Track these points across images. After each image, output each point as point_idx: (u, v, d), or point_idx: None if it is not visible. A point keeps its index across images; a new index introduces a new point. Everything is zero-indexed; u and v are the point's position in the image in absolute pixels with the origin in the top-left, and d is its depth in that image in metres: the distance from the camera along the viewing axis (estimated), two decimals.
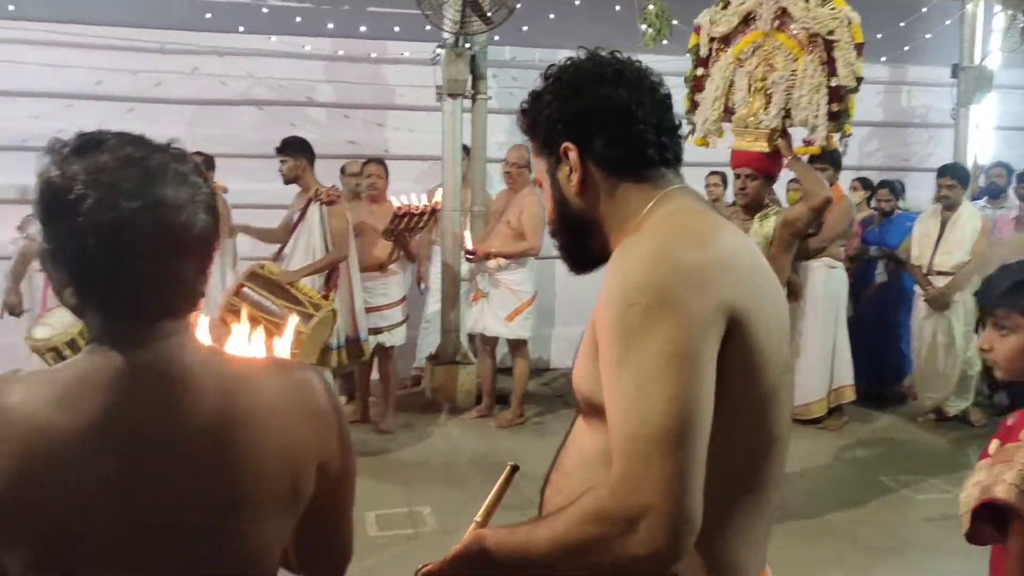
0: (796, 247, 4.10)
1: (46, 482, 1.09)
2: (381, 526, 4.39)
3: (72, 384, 1.13)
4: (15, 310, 5.55)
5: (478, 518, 1.50)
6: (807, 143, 4.04)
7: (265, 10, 6.74)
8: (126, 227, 1.10)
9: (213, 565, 1.17)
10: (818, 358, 5.98)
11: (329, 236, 5.30)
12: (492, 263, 5.96)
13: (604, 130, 1.42)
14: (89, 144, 1.14)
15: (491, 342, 6.16)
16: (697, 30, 4.22)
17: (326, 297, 5.24)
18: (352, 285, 5.51)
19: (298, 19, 6.83)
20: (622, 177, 1.44)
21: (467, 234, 6.17)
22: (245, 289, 4.98)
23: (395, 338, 5.99)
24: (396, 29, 7.02)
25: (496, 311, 6.01)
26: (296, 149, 5.38)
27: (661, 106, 1.45)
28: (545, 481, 1.51)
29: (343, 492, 1.32)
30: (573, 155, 1.43)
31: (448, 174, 6.37)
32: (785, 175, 4.76)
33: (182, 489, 1.14)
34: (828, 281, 6.07)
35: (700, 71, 4.18)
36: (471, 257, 6.00)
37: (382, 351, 5.94)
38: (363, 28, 6.98)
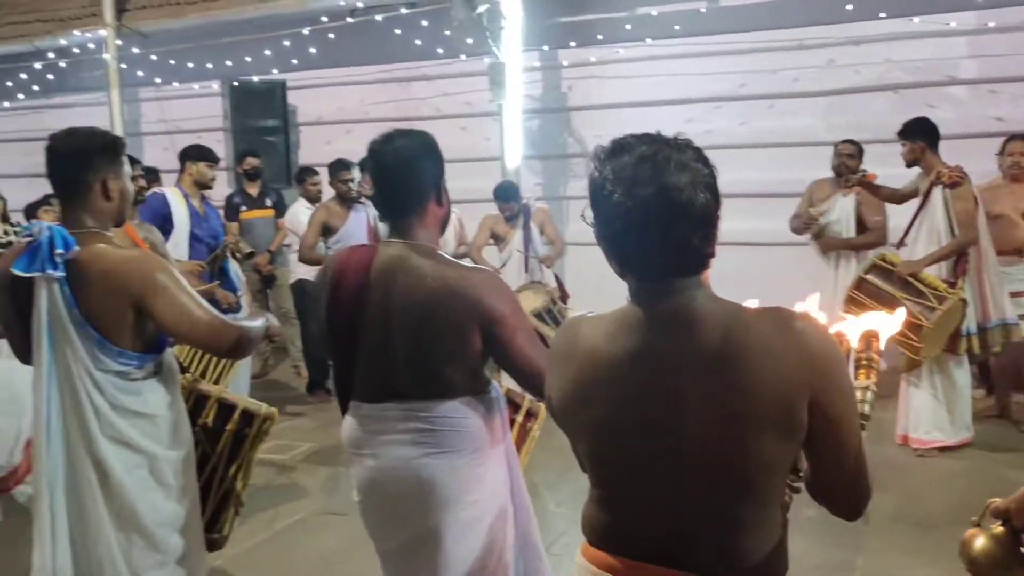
0: None
1: (598, 390, 1.53)
2: None
3: (615, 324, 1.54)
4: None
5: None
6: None
7: None
8: (641, 210, 1.43)
9: (719, 468, 1.45)
10: None
11: (954, 220, 5.00)
12: None
13: None
14: (616, 149, 1.49)
15: None
16: None
17: (953, 285, 4.95)
18: (983, 270, 5.10)
19: None
20: None
21: None
22: (866, 282, 4.95)
23: None
24: None
25: None
26: (914, 131, 5.17)
27: None
28: None
29: (840, 434, 1.47)
30: None
31: None
32: None
33: (692, 401, 1.45)
34: None
35: None
36: None
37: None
38: None
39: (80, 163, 2.46)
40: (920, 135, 5.15)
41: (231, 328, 2.49)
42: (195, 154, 5.69)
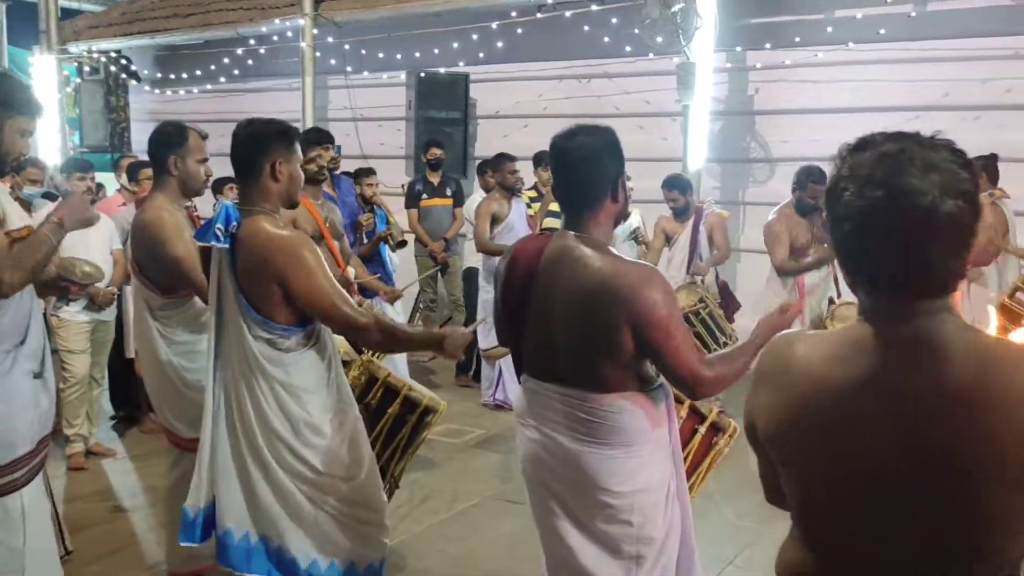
0: None
1: (821, 421, 1.34)
2: None
3: (844, 346, 1.35)
4: None
5: None
6: None
7: None
8: (869, 213, 1.26)
9: (948, 526, 1.27)
10: None
11: None
12: None
13: None
14: (861, 144, 1.32)
15: None
16: None
17: None
18: None
19: None
20: None
21: None
22: (1021, 292, 4.75)
23: None
24: None
25: None
26: None
27: None
28: None
29: None
30: None
31: None
32: None
33: (933, 446, 1.25)
34: None
35: None
36: None
37: None
38: None
39: (254, 147, 2.71)
40: None
41: (365, 319, 2.67)
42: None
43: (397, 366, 5.21)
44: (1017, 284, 4.92)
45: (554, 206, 7.44)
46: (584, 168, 2.32)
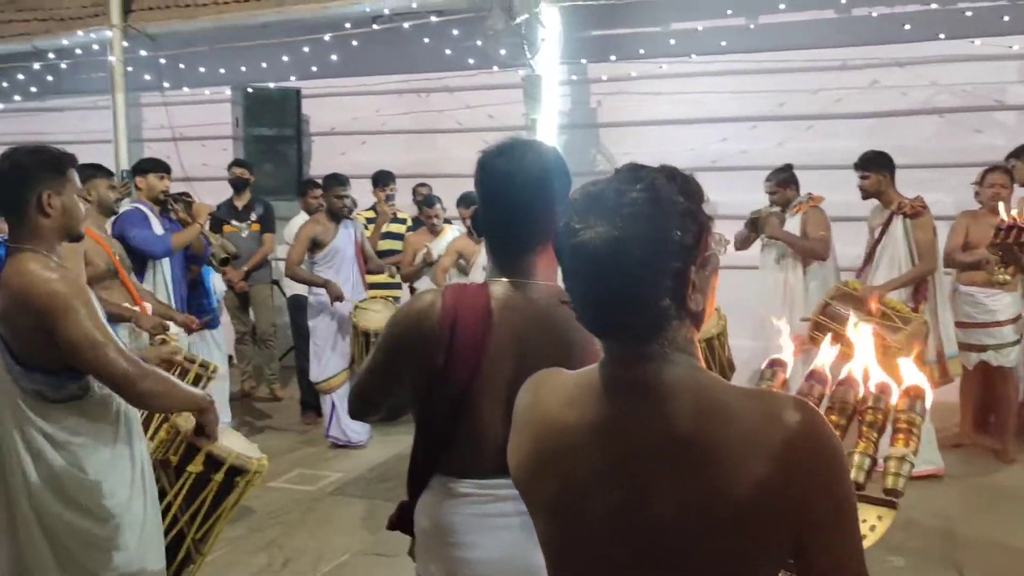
0: None
1: (554, 466, 1.29)
2: None
3: (578, 388, 1.30)
4: None
5: None
6: None
7: (969, 14, 6.40)
8: (576, 254, 1.20)
9: (687, 569, 1.19)
10: None
11: (915, 249, 5.18)
12: None
13: None
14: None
15: None
16: None
17: (915, 311, 5.04)
18: (938, 301, 5.26)
19: (1005, 18, 6.34)
20: None
21: None
22: (830, 307, 4.94)
23: (1005, 358, 5.49)
24: None
25: None
26: (877, 164, 5.31)
27: None
28: None
29: (835, 554, 1.18)
30: None
31: None
32: None
33: (658, 492, 1.18)
34: None
35: None
36: None
37: (994, 372, 5.54)
38: None
39: (17, 180, 2.48)
40: (883, 167, 5.31)
41: (143, 372, 2.44)
42: (148, 167, 5.44)
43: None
44: (825, 300, 5.07)
45: (394, 227, 7.12)
46: (538, 195, 1.86)
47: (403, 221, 7.20)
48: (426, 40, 7.50)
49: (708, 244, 1.23)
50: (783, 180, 5.88)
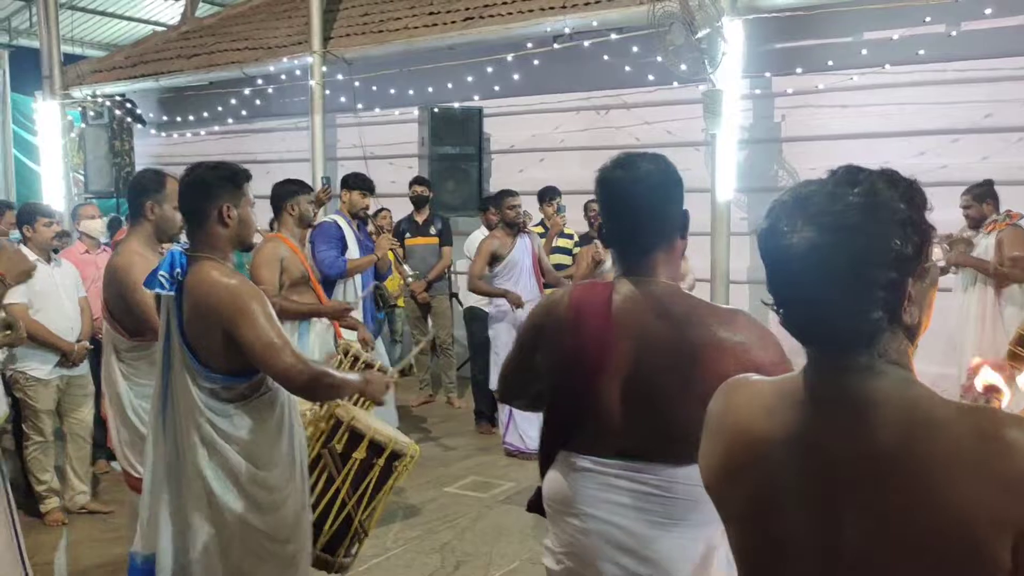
0: None
1: (747, 474, 1.25)
2: None
3: (776, 396, 1.26)
4: None
5: None
6: None
7: None
8: (780, 257, 1.17)
9: None
10: None
11: None
12: None
13: None
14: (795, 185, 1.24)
15: None
16: None
17: None
18: None
19: None
20: None
21: None
22: None
23: None
24: None
25: None
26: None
27: None
28: None
29: None
30: None
31: None
32: None
33: (852, 513, 1.12)
34: None
35: None
36: None
37: None
38: None
39: (200, 193, 2.67)
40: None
41: (309, 369, 2.58)
42: (355, 184, 5.67)
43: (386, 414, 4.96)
44: (1019, 331, 4.67)
45: (561, 242, 7.21)
46: (654, 201, 2.04)
47: (570, 236, 7.31)
48: (605, 57, 7.55)
49: (929, 255, 1.17)
50: (979, 195, 5.49)
